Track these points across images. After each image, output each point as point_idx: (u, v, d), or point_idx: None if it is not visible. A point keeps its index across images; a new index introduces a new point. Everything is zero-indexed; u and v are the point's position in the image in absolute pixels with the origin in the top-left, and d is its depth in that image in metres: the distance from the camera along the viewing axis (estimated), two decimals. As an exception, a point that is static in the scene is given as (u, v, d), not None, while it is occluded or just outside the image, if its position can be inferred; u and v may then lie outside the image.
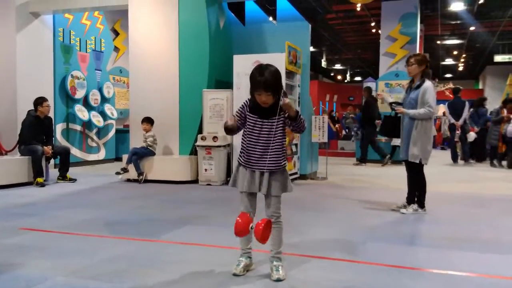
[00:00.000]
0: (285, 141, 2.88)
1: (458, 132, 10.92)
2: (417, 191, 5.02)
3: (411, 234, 4.01)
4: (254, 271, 2.93)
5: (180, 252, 3.41)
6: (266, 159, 2.77)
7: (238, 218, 2.58)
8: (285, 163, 2.85)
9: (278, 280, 2.73)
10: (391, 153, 10.67)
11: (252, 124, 2.81)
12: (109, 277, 2.82)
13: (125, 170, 7.24)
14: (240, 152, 2.88)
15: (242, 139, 2.86)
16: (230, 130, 2.83)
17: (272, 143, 2.76)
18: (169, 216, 4.70)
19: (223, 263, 3.07)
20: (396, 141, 10.21)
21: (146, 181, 7.19)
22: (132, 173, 7.23)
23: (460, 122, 10.75)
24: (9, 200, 5.60)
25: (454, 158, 11.12)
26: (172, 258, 3.24)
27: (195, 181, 7.16)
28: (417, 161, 4.84)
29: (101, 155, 10.35)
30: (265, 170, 2.78)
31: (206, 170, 7.03)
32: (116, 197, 5.94)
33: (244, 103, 2.88)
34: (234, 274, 2.82)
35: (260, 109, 2.78)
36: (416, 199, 5.01)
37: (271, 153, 2.77)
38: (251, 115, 2.81)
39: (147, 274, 2.89)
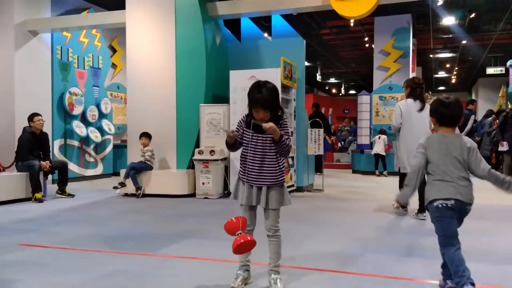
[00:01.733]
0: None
1: None
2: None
3: (408, 246, 4.05)
4: (252, 284, 2.97)
5: (178, 266, 3.44)
6: (262, 174, 2.81)
7: (233, 218, 2.66)
8: (282, 178, 2.87)
9: None
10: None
11: (248, 139, 2.86)
12: (110, 291, 2.85)
13: (122, 184, 7.27)
14: (240, 166, 2.93)
15: (241, 154, 2.91)
16: (230, 146, 2.89)
17: (268, 158, 2.81)
18: (167, 231, 4.73)
19: (221, 277, 3.10)
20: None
21: (144, 195, 7.22)
22: (130, 188, 7.26)
23: (463, 134, 10.85)
24: (7, 216, 5.61)
25: None
26: (170, 272, 3.27)
27: (192, 195, 7.20)
28: (396, 169, 5.56)
29: (99, 170, 10.37)
30: (263, 185, 2.82)
31: (203, 183, 7.07)
32: (114, 212, 5.96)
33: (241, 119, 2.93)
34: None
35: (255, 125, 2.81)
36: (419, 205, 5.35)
37: (268, 168, 2.81)
38: (248, 130, 2.86)
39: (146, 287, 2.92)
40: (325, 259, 3.56)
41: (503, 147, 8.82)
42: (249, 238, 2.63)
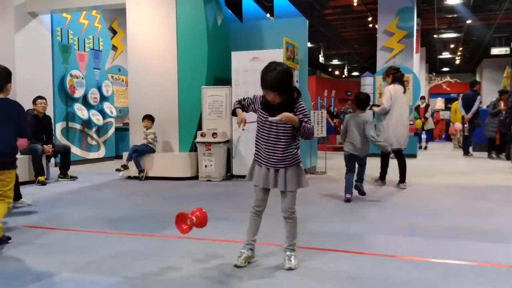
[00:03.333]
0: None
1: (466, 125, 10.95)
2: (382, 169, 6.42)
3: (410, 226, 4.06)
4: (257, 262, 2.98)
5: (181, 247, 3.45)
6: (277, 156, 2.79)
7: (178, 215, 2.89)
8: (298, 158, 2.85)
9: (290, 269, 2.80)
10: None
11: (263, 122, 2.83)
12: (114, 272, 2.87)
13: (125, 167, 7.28)
14: (255, 149, 2.92)
15: (256, 136, 2.90)
16: (235, 113, 2.95)
17: (283, 140, 2.78)
18: (170, 212, 4.70)
19: (224, 257, 3.12)
20: None
21: (147, 178, 7.23)
22: (133, 170, 7.27)
23: (469, 115, 10.79)
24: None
25: (466, 150, 11.19)
26: (174, 252, 3.28)
27: (195, 177, 7.20)
28: (392, 149, 6.04)
29: (101, 153, 10.38)
30: (279, 167, 2.81)
31: (206, 166, 7.07)
32: (117, 195, 5.98)
33: (257, 97, 2.89)
34: (236, 266, 2.87)
35: (271, 106, 2.79)
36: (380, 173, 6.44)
37: (284, 150, 2.79)
38: (262, 111, 2.83)
39: (150, 267, 2.93)
40: (329, 239, 3.57)
41: None
42: (194, 215, 2.88)
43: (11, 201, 3.57)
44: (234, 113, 2.96)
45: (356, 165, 5.34)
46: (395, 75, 6.22)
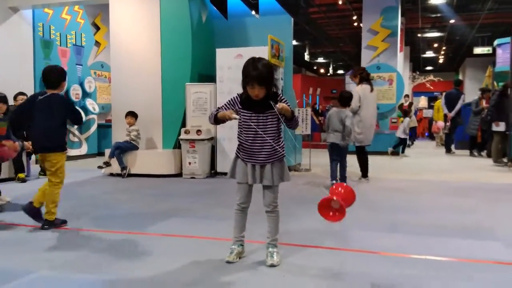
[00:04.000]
0: (281, 129, 2.91)
1: (448, 124, 11.10)
2: (361, 167, 6.60)
3: (393, 222, 4.09)
4: (246, 258, 2.98)
5: (165, 244, 3.42)
6: (265, 152, 2.82)
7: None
8: (283, 152, 2.88)
9: (272, 265, 2.80)
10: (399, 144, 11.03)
11: (247, 120, 2.83)
12: (94, 269, 2.83)
13: (107, 164, 7.19)
14: (238, 146, 2.92)
15: (238, 135, 2.90)
16: (217, 121, 2.87)
17: (270, 135, 2.80)
18: (153, 209, 4.70)
19: (209, 254, 3.10)
20: (400, 133, 10.62)
21: (130, 175, 7.15)
22: (115, 167, 7.18)
23: (452, 114, 10.94)
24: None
25: (448, 148, 11.34)
26: (157, 250, 3.25)
27: (179, 175, 7.15)
28: (351, 144, 6.29)
29: (83, 150, 10.25)
30: (266, 162, 2.83)
31: (190, 163, 7.02)
32: (99, 192, 5.90)
33: (234, 98, 2.88)
34: (228, 262, 2.88)
35: (253, 103, 2.80)
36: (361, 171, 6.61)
37: (270, 145, 2.81)
38: (244, 111, 2.83)
39: (133, 265, 2.90)
40: (313, 236, 3.58)
41: (499, 127, 8.70)
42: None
43: (60, 186, 3.99)
44: (216, 121, 2.88)
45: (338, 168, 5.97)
46: (362, 75, 6.53)
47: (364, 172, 6.60)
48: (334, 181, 5.72)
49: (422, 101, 24.83)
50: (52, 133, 3.88)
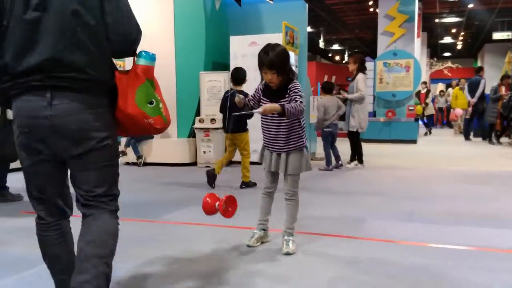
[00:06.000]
0: (302, 120, 2.89)
1: (469, 109, 10.97)
2: (357, 153, 6.81)
3: (409, 211, 4.04)
4: (267, 244, 3.01)
5: (180, 232, 3.44)
6: (281, 140, 2.84)
7: (206, 198, 2.71)
8: (301, 143, 2.88)
9: (287, 253, 2.81)
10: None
11: None
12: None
13: (123, 153, 7.24)
14: (262, 134, 2.98)
15: (261, 123, 2.95)
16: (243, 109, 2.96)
17: (285, 126, 2.82)
18: (169, 198, 4.73)
19: (224, 241, 3.11)
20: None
21: (145, 164, 7.21)
22: (131, 156, 7.24)
23: (473, 99, 10.81)
24: (10, 184, 5.60)
25: (466, 135, 11.21)
26: (173, 238, 3.27)
27: (194, 163, 7.17)
28: (355, 130, 6.59)
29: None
30: (281, 151, 2.86)
31: (204, 152, 7.04)
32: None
33: (258, 87, 2.95)
34: (248, 246, 2.93)
35: (271, 92, 2.85)
36: (356, 157, 6.81)
37: (286, 134, 2.83)
38: (264, 98, 2.89)
39: (149, 253, 2.92)
40: (328, 225, 3.55)
41: None
42: (223, 201, 2.72)
43: (249, 156, 5.20)
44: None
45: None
46: (361, 67, 6.67)
47: (361, 158, 6.82)
48: (331, 166, 6.47)
49: (439, 88, 24.44)
50: (237, 120, 4.81)
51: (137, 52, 1.94)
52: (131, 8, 1.85)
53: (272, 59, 2.72)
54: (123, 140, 7.32)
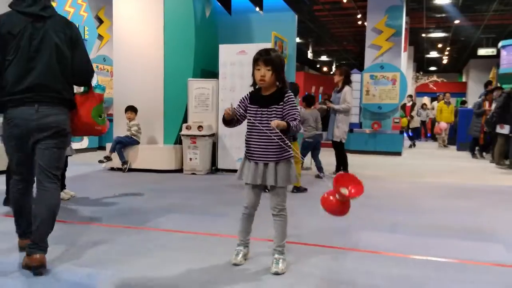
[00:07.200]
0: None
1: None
2: (341, 163, 6.86)
3: (393, 223, 4.06)
4: (253, 259, 2.92)
5: (163, 239, 3.40)
6: (269, 149, 2.71)
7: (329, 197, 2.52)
8: (290, 152, 2.75)
9: (276, 273, 2.67)
10: None
11: (253, 115, 2.76)
12: (92, 263, 2.81)
13: (108, 158, 7.17)
14: (246, 146, 2.83)
15: (247, 133, 2.81)
16: (226, 122, 2.80)
17: (274, 131, 2.63)
18: (153, 205, 4.68)
19: (208, 250, 3.08)
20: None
21: (130, 170, 7.14)
22: (116, 162, 7.17)
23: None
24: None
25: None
26: (156, 245, 3.23)
27: (179, 170, 7.13)
28: (339, 140, 6.69)
29: (84, 143, 10.23)
30: (269, 161, 2.72)
31: (190, 159, 7.01)
32: (100, 186, 5.88)
33: (244, 96, 2.85)
34: (234, 264, 2.80)
35: (261, 97, 2.75)
36: (342, 168, 6.83)
37: (274, 142, 2.68)
38: (251, 105, 2.78)
39: (131, 260, 2.88)
40: (311, 234, 3.55)
41: (503, 129, 8.61)
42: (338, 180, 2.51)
43: (299, 162, 5.47)
44: (225, 121, 2.83)
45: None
46: (347, 80, 6.83)
47: (346, 169, 6.88)
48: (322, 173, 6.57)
49: (425, 101, 24.79)
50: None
51: (93, 84, 3.01)
52: (87, 54, 2.99)
53: (271, 56, 2.69)
54: (109, 145, 7.25)
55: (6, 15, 2.69)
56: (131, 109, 7.20)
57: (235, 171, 5.21)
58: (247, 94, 2.85)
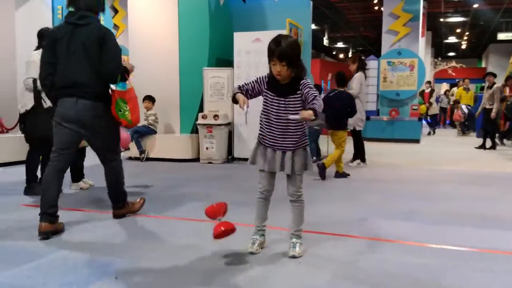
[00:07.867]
0: None
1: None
2: (359, 151, 6.84)
3: (409, 211, 4.03)
4: (268, 248, 2.92)
5: (180, 228, 3.44)
6: (287, 138, 2.70)
7: (214, 204, 2.73)
8: (306, 140, 2.78)
9: (293, 257, 2.71)
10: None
11: (269, 102, 2.72)
12: (111, 251, 2.86)
13: (126, 148, 7.26)
14: (260, 130, 2.81)
15: (260, 117, 2.80)
16: (235, 100, 2.74)
17: (292, 121, 2.63)
18: (170, 193, 4.73)
19: (226, 238, 3.10)
20: None
21: (148, 159, 7.22)
22: (134, 151, 7.25)
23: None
24: (11, 178, 5.63)
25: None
26: (174, 233, 3.27)
27: (196, 159, 7.18)
28: (351, 128, 6.51)
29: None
30: (287, 149, 2.72)
31: (207, 148, 7.04)
32: (117, 175, 5.95)
33: (261, 77, 2.77)
34: (251, 253, 2.81)
35: (278, 86, 2.69)
36: (359, 156, 6.83)
37: (292, 132, 2.69)
38: (269, 92, 2.73)
39: (147, 248, 2.92)
40: (329, 223, 3.55)
41: None
42: (229, 226, 2.62)
43: (344, 151, 5.75)
44: (234, 99, 2.75)
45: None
46: (361, 65, 6.88)
47: (363, 157, 6.85)
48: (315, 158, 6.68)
49: (443, 88, 24.36)
50: (339, 118, 5.62)
51: (118, 81, 3.48)
52: (116, 53, 3.38)
53: (284, 49, 2.56)
54: (126, 135, 7.34)
55: (58, 25, 3.41)
56: (149, 99, 7.25)
57: (251, 160, 5.22)
58: (265, 78, 2.76)
